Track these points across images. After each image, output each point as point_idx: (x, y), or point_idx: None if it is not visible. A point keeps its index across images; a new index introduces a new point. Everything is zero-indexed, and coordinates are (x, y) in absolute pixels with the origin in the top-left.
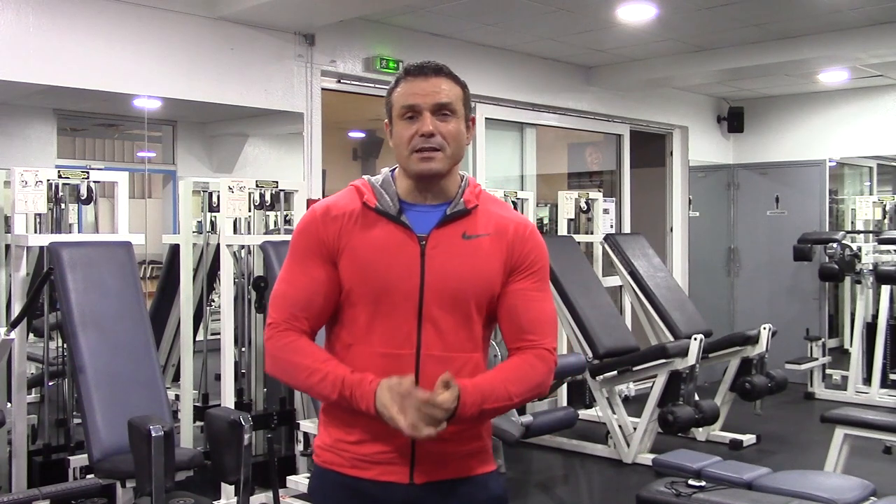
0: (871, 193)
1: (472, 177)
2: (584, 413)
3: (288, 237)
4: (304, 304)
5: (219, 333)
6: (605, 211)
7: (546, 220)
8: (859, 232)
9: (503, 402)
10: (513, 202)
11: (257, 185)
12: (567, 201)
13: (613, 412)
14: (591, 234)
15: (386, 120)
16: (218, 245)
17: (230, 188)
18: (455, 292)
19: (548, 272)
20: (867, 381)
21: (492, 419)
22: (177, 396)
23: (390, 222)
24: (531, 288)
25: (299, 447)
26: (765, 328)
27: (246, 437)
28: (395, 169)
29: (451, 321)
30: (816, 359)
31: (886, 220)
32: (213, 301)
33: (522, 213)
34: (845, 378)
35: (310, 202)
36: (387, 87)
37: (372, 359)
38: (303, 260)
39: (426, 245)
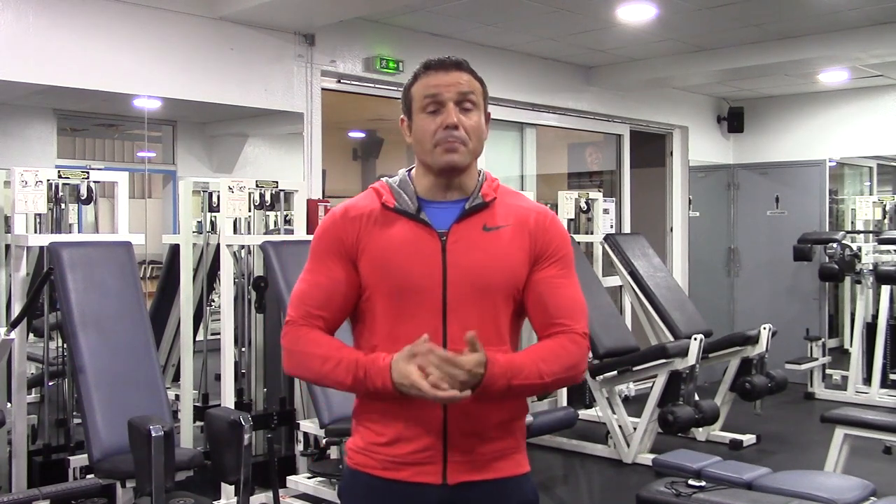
0: (871, 193)
1: (489, 172)
2: (584, 413)
3: (288, 237)
4: (323, 302)
5: (219, 333)
6: (605, 211)
7: None
8: (859, 232)
9: (533, 381)
10: None
11: (257, 185)
12: (567, 201)
13: (613, 412)
14: (591, 234)
15: (402, 116)
16: (218, 245)
17: (230, 188)
18: (479, 285)
19: (572, 259)
20: (867, 381)
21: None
22: (177, 396)
23: (409, 220)
24: (557, 275)
25: (299, 447)
26: (765, 328)
27: (246, 437)
28: (411, 169)
29: (477, 315)
30: (816, 359)
31: (886, 220)
32: (213, 301)
33: None
34: (845, 378)
35: (310, 202)
36: (387, 87)
37: None
38: (322, 260)
39: (447, 240)
